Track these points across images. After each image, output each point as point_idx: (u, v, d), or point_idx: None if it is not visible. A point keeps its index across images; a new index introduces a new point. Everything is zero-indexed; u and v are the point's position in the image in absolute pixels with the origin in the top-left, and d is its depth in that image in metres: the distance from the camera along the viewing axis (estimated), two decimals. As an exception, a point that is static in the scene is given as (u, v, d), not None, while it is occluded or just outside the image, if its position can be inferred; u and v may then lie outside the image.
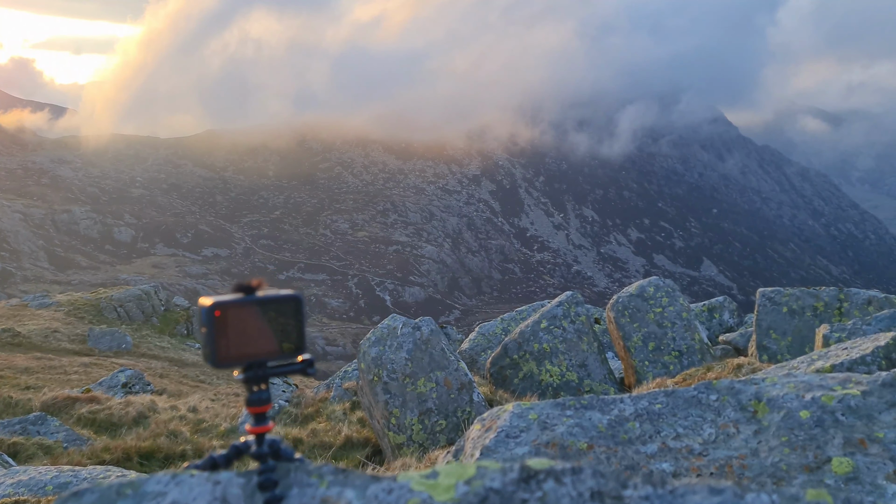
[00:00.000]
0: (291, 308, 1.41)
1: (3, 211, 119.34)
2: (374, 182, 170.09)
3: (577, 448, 3.31)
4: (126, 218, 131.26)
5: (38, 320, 36.77)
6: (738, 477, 3.35)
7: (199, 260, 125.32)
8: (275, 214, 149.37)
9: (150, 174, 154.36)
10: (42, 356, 30.48)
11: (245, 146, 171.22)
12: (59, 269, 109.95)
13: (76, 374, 26.24)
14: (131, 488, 1.23)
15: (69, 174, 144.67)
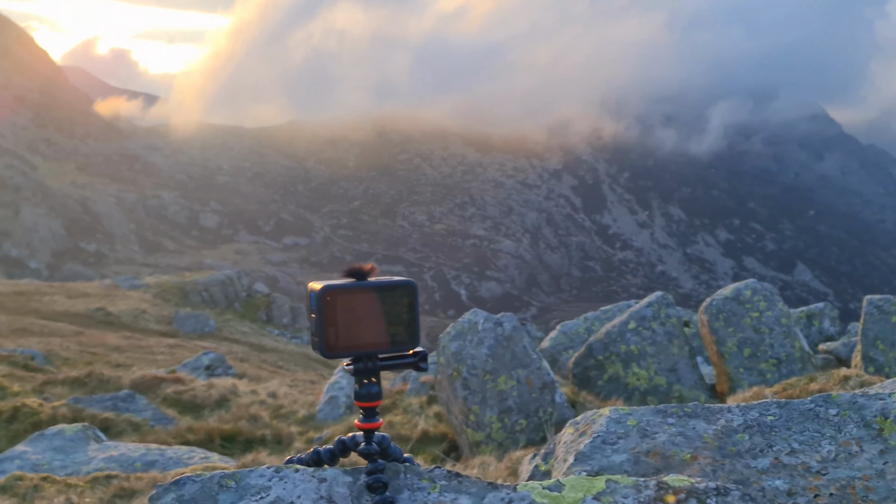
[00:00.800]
0: (405, 295, 1.29)
1: (99, 195, 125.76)
2: (452, 174, 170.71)
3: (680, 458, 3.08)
4: (212, 205, 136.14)
5: (128, 301, 38.48)
6: (861, 500, 3.07)
7: (280, 248, 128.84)
8: (354, 205, 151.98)
9: (236, 163, 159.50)
10: (131, 336, 31.86)
11: (326, 137, 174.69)
12: (148, 252, 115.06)
13: (162, 354, 27.26)
14: (233, 480, 1.16)
15: (159, 161, 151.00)
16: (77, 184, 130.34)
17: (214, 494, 1.15)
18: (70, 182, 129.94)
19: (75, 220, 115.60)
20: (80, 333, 30.02)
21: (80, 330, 30.88)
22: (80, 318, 33.74)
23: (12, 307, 34.21)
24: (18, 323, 30.45)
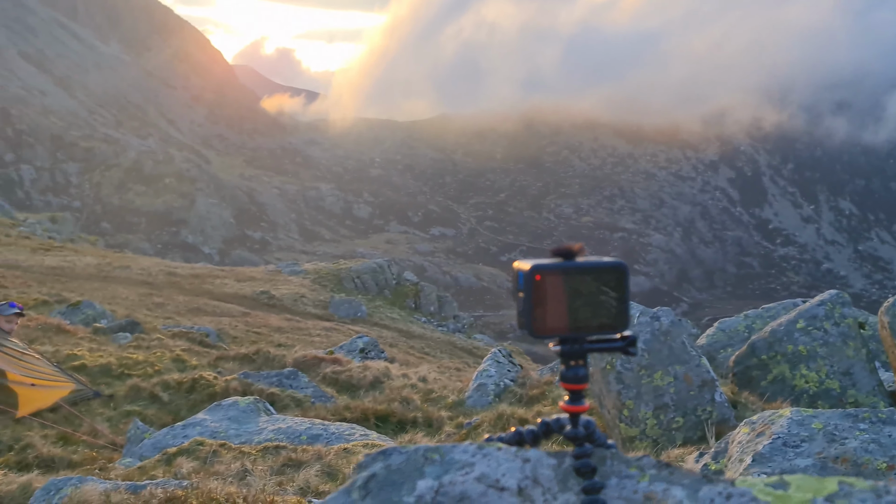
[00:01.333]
0: (615, 278, 1.24)
1: (265, 187, 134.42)
2: (601, 166, 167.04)
3: (874, 467, 2.81)
4: (365, 196, 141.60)
5: (289, 286, 40.82)
6: None
7: (427, 238, 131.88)
8: (500, 197, 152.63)
9: (388, 155, 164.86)
10: (291, 318, 33.71)
11: (474, 129, 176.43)
12: (306, 240, 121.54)
13: (318, 336, 28.63)
14: (438, 454, 1.17)
15: (318, 154, 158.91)
16: (245, 176, 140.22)
17: (420, 466, 1.16)
18: (239, 174, 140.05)
19: (243, 209, 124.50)
20: (246, 314, 32.12)
21: (246, 311, 33.06)
22: (247, 300, 36.15)
23: (189, 288, 37.23)
24: (194, 303, 33.04)
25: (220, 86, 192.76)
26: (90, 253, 46.95)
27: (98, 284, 32.83)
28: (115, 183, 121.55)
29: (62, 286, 28.56)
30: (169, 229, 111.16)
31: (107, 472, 5.47)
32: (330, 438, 5.36)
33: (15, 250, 41.18)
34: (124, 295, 30.60)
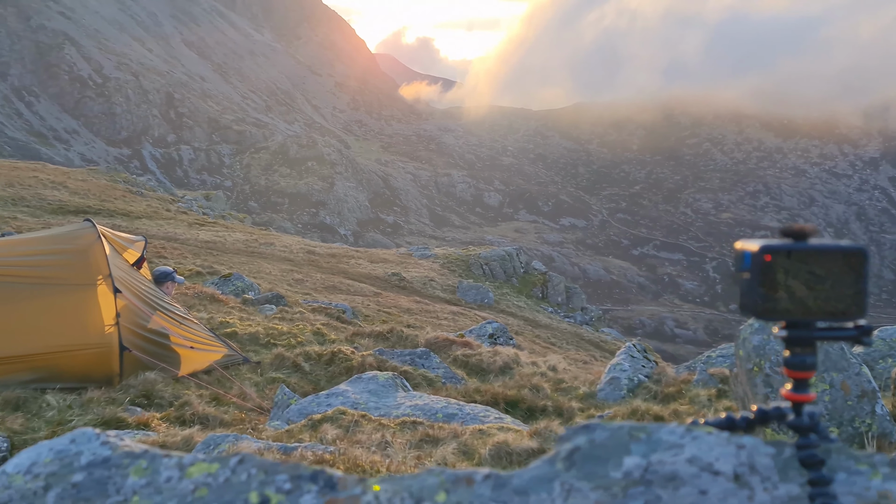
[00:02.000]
0: (854, 263, 1.17)
1: (399, 172, 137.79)
2: (745, 160, 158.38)
3: None
4: (496, 184, 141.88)
5: (419, 269, 41.67)
6: None
7: (557, 228, 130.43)
8: (634, 189, 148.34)
9: (521, 144, 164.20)
10: (420, 300, 34.39)
11: (610, 119, 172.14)
12: (436, 225, 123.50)
13: (446, 320, 29.05)
14: (644, 433, 1.16)
15: (452, 142, 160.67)
16: (381, 161, 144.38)
17: (625, 443, 1.16)
18: (375, 159, 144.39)
19: (378, 193, 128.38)
20: (378, 294, 33.09)
21: (378, 291, 34.06)
22: (379, 280, 37.24)
23: (326, 267, 38.83)
24: (330, 281, 34.42)
25: (362, 73, 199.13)
26: (239, 229, 50.01)
27: (245, 259, 34.83)
28: (262, 165, 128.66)
29: (213, 259, 30.59)
30: (309, 210, 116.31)
31: (258, 432, 5.86)
32: (465, 418, 5.46)
33: (174, 224, 44.53)
34: (268, 270, 32.24)
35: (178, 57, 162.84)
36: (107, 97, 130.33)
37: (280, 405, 6.50)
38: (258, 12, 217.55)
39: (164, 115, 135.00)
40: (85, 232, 8.68)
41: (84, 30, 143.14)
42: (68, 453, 1.10)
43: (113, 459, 1.08)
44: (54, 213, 41.63)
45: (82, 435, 1.13)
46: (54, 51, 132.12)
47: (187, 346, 8.67)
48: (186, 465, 1.08)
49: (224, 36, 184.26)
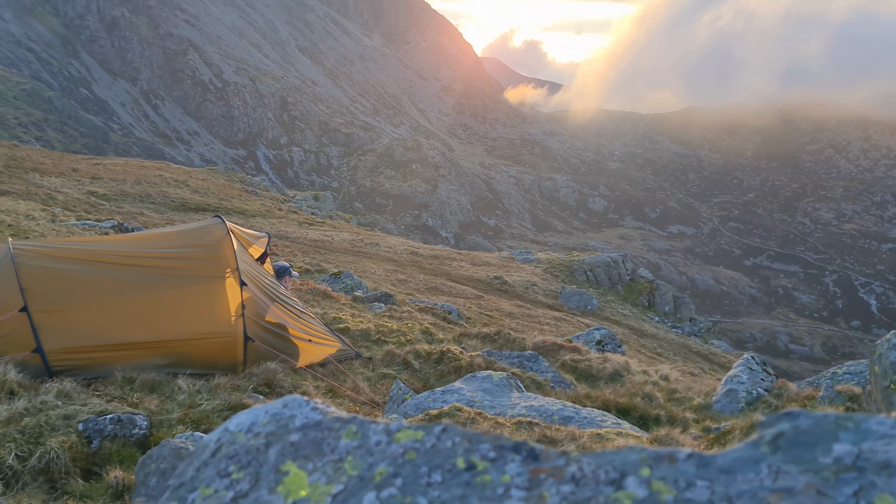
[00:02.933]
0: None
1: (502, 175, 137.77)
2: (872, 168, 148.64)
3: None
4: (601, 189, 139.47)
5: (521, 273, 41.53)
6: None
7: (665, 236, 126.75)
8: (748, 197, 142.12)
9: (628, 149, 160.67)
10: (522, 304, 34.27)
11: (723, 124, 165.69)
12: (538, 230, 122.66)
13: (548, 325, 28.80)
14: (852, 422, 1.16)
15: (556, 145, 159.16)
16: (484, 164, 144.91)
17: (832, 431, 1.16)
18: (479, 163, 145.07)
19: (480, 196, 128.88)
20: (479, 297, 33.21)
21: (480, 294, 34.19)
22: (480, 283, 37.38)
23: (429, 268, 39.34)
24: (433, 282, 34.84)
25: (468, 77, 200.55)
26: (345, 229, 51.48)
27: (351, 258, 35.77)
28: (368, 167, 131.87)
29: (321, 257, 31.61)
30: (412, 212, 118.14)
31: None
32: (582, 422, 5.43)
33: (285, 223, 46.34)
34: (372, 269, 32.96)
35: (292, 62, 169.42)
36: (226, 100, 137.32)
37: (395, 400, 6.67)
38: (369, 18, 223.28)
39: (278, 118, 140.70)
40: (215, 228, 9.21)
41: (207, 36, 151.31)
42: (283, 416, 1.21)
43: (324, 423, 1.19)
44: (176, 209, 44.21)
45: (293, 401, 1.24)
46: (179, 56, 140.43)
47: (305, 339, 9.03)
48: (393, 431, 1.17)
49: (336, 41, 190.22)
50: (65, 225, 24.79)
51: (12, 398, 6.31)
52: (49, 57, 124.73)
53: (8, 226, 22.00)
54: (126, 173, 53.09)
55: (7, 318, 7.37)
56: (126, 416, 6.03)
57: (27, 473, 5.12)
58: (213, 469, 1.16)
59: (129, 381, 7.36)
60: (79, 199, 39.81)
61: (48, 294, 7.72)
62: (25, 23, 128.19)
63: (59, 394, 6.39)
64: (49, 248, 8.50)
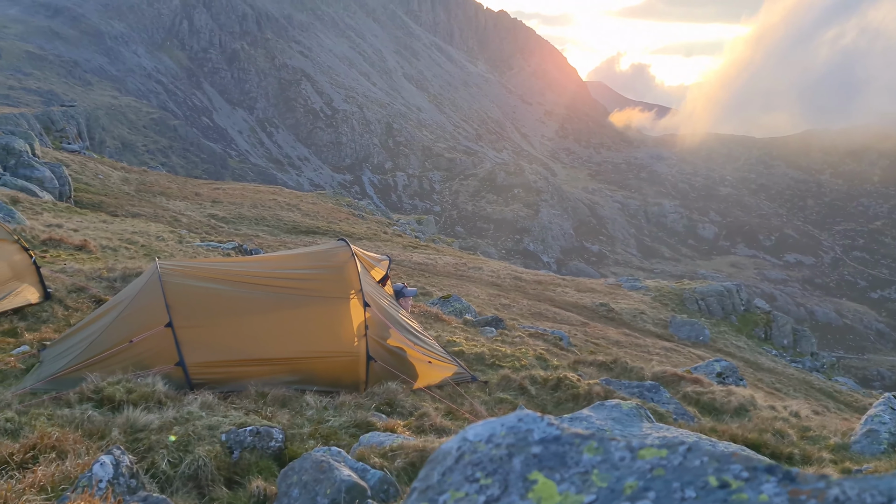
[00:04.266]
0: None
1: (606, 200, 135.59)
2: None
3: None
4: (711, 215, 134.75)
5: (628, 300, 40.58)
6: None
7: (780, 265, 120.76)
8: (875, 225, 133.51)
9: (740, 174, 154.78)
10: (629, 333, 33.44)
11: (846, 147, 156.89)
12: (644, 256, 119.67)
13: (657, 355, 27.93)
14: None
15: (664, 170, 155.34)
16: (588, 189, 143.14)
17: None
18: (582, 187, 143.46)
19: (583, 221, 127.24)
20: (585, 324, 32.67)
21: (585, 321, 33.63)
22: (585, 310, 36.78)
23: (532, 293, 39.11)
24: (536, 307, 34.58)
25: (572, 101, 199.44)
26: (448, 252, 52.01)
27: (454, 281, 36.03)
28: (470, 191, 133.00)
29: (426, 280, 32.04)
30: (513, 236, 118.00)
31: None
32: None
33: (390, 246, 47.34)
34: (476, 293, 33.06)
35: (398, 89, 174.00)
36: (335, 127, 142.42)
37: (519, 423, 6.64)
38: (474, 45, 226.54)
39: (383, 144, 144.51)
40: (341, 251, 9.58)
41: (319, 66, 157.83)
42: (520, 430, 1.28)
43: (563, 438, 1.25)
44: (289, 232, 46.06)
45: (527, 416, 1.31)
46: (293, 86, 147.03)
47: (424, 360, 9.19)
48: (636, 448, 1.21)
49: (441, 69, 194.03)
50: (190, 246, 26.26)
51: (161, 407, 6.75)
52: (175, 88, 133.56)
53: (141, 246, 23.56)
54: (243, 197, 55.90)
55: (154, 333, 7.90)
56: (264, 429, 6.32)
57: (178, 479, 5.45)
58: (460, 474, 1.24)
59: (261, 395, 7.71)
60: (201, 221, 42.19)
61: (189, 311, 8.22)
62: (156, 57, 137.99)
63: (202, 405, 6.78)
64: (189, 268, 9.07)
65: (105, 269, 13.43)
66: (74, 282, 11.92)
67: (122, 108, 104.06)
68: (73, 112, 67.62)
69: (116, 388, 6.91)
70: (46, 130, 56.90)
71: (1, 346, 8.99)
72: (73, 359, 7.72)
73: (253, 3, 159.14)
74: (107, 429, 5.98)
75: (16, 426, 5.99)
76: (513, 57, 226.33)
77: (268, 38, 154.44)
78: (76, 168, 47.50)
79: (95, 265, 14.40)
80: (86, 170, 49.31)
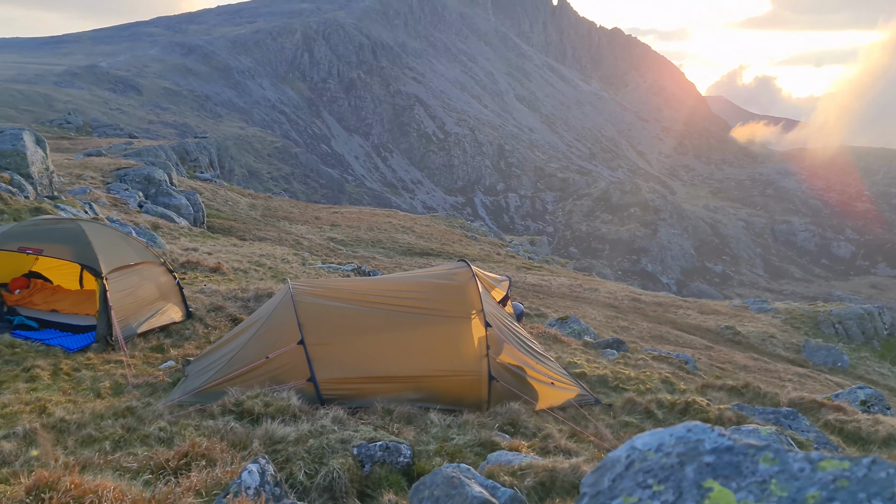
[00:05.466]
0: None
1: (729, 218, 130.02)
2: None
3: None
4: (847, 233, 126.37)
5: (756, 324, 38.63)
6: None
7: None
8: None
9: (879, 188, 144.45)
10: (758, 358, 31.79)
11: None
12: (772, 277, 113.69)
13: (790, 381, 26.40)
14: None
15: (792, 186, 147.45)
16: (709, 207, 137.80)
17: None
18: (703, 205, 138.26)
19: (704, 241, 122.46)
20: (709, 348, 31.38)
21: (709, 345, 32.30)
22: (710, 333, 35.34)
23: (652, 316, 37.99)
24: (657, 330, 33.56)
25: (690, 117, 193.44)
26: (562, 274, 51.44)
27: (570, 303, 35.57)
28: (584, 211, 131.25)
29: (540, 301, 31.81)
30: (630, 257, 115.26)
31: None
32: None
33: (504, 267, 47.39)
34: (592, 315, 32.50)
35: (510, 111, 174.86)
36: (447, 150, 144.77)
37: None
38: (587, 64, 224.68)
39: (495, 166, 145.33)
40: (462, 271, 9.73)
41: (431, 91, 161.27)
42: (689, 439, 1.30)
43: (736, 448, 1.26)
44: (404, 254, 47.07)
45: (696, 427, 1.33)
46: (407, 111, 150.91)
47: (547, 382, 9.14)
48: (815, 459, 1.21)
49: (553, 88, 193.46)
50: (312, 268, 27.35)
51: (296, 420, 7.07)
52: (297, 118, 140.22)
53: (268, 268, 24.80)
54: (360, 221, 57.74)
55: (288, 350, 8.30)
56: (393, 445, 6.49)
57: (314, 490, 5.68)
58: (631, 481, 1.27)
59: (388, 412, 7.92)
60: (321, 244, 43.89)
61: (319, 329, 8.59)
62: (279, 89, 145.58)
63: (334, 419, 7.05)
64: (318, 288, 9.47)
65: (239, 289, 14.25)
66: (212, 301, 12.71)
67: (248, 138, 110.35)
68: (205, 143, 72.34)
69: (255, 401, 7.31)
70: (182, 160, 61.17)
71: (150, 360, 9.72)
72: (215, 374, 8.23)
73: (369, 33, 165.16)
74: (248, 439, 6.33)
75: (168, 435, 6.45)
76: (628, 74, 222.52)
77: (383, 66, 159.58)
78: (208, 195, 50.74)
79: (230, 286, 15.30)
80: (217, 197, 52.57)
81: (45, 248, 10.05)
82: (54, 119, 79.65)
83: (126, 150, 53.42)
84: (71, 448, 6.15)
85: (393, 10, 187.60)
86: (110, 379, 8.64)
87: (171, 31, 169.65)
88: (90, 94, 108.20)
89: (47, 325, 10.60)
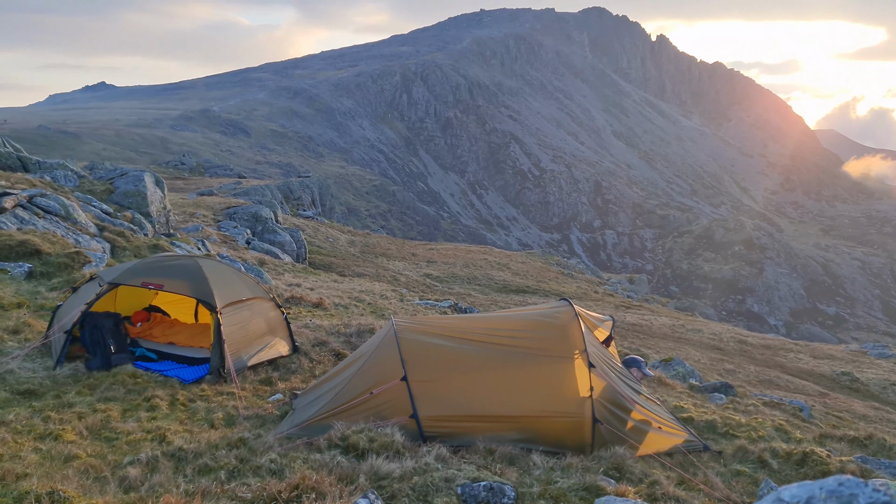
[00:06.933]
0: None
1: (843, 257, 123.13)
2: None
3: None
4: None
5: (875, 370, 36.20)
6: None
7: None
8: None
9: None
10: (879, 407, 29.71)
11: None
12: (892, 320, 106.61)
13: (917, 433, 24.55)
14: None
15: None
16: (820, 245, 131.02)
17: None
18: (813, 244, 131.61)
19: (815, 281, 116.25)
20: (824, 395, 29.61)
21: (824, 391, 30.48)
22: (824, 379, 33.37)
23: (759, 359, 36.24)
24: (765, 374, 31.97)
25: (797, 151, 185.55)
26: (663, 313, 49.90)
27: (672, 344, 34.45)
28: (685, 248, 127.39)
29: (640, 342, 30.94)
30: (734, 297, 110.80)
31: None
32: None
33: (601, 305, 46.48)
34: (696, 357, 31.36)
35: (607, 147, 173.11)
36: (542, 187, 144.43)
37: (767, 500, 6.15)
38: (687, 99, 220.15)
39: (592, 202, 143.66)
40: (563, 310, 9.61)
41: (527, 129, 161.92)
42: (842, 493, 1.25)
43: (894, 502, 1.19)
44: (499, 291, 46.96)
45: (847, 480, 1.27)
46: (502, 149, 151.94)
47: (653, 426, 8.85)
48: None
49: (652, 124, 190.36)
50: (410, 304, 27.67)
51: (399, 457, 7.13)
52: (394, 156, 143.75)
53: (368, 304, 25.29)
54: (455, 257, 58.17)
55: (391, 386, 8.41)
56: (497, 485, 6.43)
57: (419, 527, 5.69)
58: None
59: (490, 451, 7.85)
60: (417, 280, 44.45)
61: (422, 365, 8.66)
62: (378, 128, 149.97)
63: (437, 457, 7.06)
64: (420, 325, 9.58)
65: (342, 325, 14.60)
66: (317, 336, 13.07)
67: (348, 176, 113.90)
68: (308, 182, 75.16)
69: (360, 436, 7.42)
70: (286, 199, 63.71)
71: (259, 393, 10.06)
72: (321, 407, 8.42)
73: (466, 73, 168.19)
74: (354, 474, 6.43)
75: (279, 466, 6.64)
76: (730, 108, 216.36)
77: (479, 104, 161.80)
78: (310, 232, 52.51)
79: (332, 321, 15.71)
80: (318, 234, 54.33)
81: (165, 283, 10.64)
82: (170, 160, 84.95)
83: (235, 190, 56.17)
84: (189, 476, 6.42)
85: (489, 50, 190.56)
86: (223, 410, 8.99)
87: (278, 76, 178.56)
88: (203, 136, 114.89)
89: (165, 356, 11.19)
